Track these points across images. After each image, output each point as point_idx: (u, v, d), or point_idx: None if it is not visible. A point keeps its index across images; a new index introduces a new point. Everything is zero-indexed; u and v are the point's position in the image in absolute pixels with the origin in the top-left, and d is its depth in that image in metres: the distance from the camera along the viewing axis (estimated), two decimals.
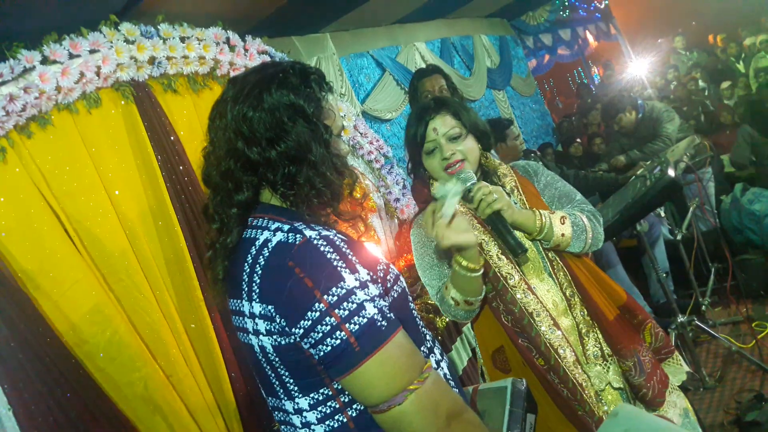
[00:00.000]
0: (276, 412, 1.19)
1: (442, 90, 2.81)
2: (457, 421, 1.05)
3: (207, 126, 1.19)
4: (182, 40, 2.54)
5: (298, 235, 1.06)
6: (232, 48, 2.75)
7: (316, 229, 1.08)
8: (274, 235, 1.08)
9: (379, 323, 1.02)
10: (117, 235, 2.26)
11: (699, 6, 10.76)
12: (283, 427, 1.18)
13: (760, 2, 8.95)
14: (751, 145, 4.80)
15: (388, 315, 1.04)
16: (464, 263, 1.51)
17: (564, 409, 1.68)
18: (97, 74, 2.25)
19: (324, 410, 1.09)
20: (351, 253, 1.05)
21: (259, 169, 1.11)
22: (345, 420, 1.08)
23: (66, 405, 1.97)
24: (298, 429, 1.13)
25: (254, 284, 1.07)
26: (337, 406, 1.08)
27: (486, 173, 1.83)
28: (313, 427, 1.10)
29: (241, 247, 1.13)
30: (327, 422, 1.09)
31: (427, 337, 1.20)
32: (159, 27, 2.47)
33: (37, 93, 2.06)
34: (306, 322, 1.01)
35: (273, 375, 1.12)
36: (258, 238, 1.10)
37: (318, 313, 1.00)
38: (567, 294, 1.74)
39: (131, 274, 2.26)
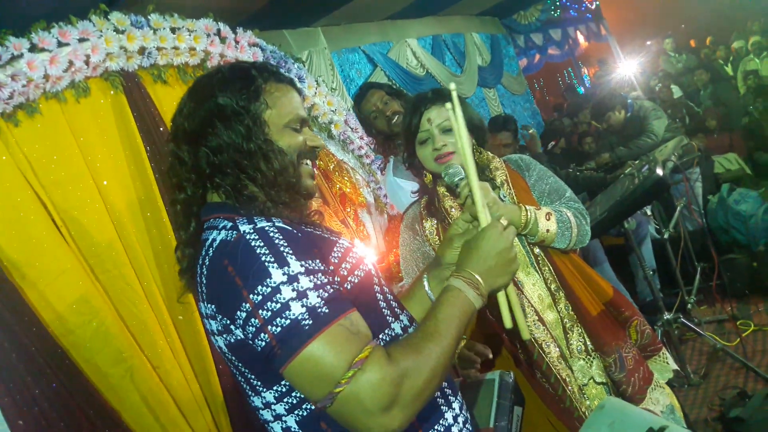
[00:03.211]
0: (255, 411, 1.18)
1: (384, 100, 2.93)
2: (398, 408, 0.97)
3: None
4: (173, 30, 2.52)
5: (233, 232, 1.05)
6: (222, 40, 2.73)
7: (255, 221, 1.06)
8: (219, 234, 1.08)
9: (303, 322, 0.96)
10: (105, 226, 2.24)
11: (689, 9, 10.85)
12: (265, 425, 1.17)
13: (748, 6, 9.04)
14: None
15: (320, 309, 0.98)
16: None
17: (547, 402, 1.70)
18: (86, 63, 2.22)
19: (290, 401, 1.07)
20: (285, 245, 1.01)
21: (192, 167, 1.16)
22: (313, 407, 1.06)
23: (52, 395, 1.95)
24: (270, 423, 1.12)
25: (202, 285, 1.09)
26: (302, 395, 1.06)
27: (478, 168, 1.84)
28: (284, 418, 1.09)
29: (198, 249, 1.15)
30: (296, 412, 1.08)
31: (390, 322, 1.16)
32: (149, 17, 2.44)
33: (24, 81, 2.03)
34: (239, 321, 1.01)
35: (237, 373, 1.13)
36: (208, 239, 1.11)
37: (245, 314, 0.99)
38: (552, 289, 1.76)
39: (118, 265, 2.24)
